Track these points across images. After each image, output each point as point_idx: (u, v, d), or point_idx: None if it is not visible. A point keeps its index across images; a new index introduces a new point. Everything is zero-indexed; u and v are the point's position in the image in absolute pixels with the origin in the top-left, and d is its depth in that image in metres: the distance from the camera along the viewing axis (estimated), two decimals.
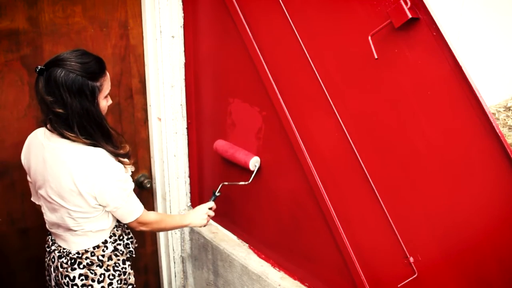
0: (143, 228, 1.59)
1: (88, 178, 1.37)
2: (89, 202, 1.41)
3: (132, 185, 1.49)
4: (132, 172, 1.54)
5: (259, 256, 1.89)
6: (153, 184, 2.25)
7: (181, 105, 2.11)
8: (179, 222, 1.70)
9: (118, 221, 1.60)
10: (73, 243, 1.50)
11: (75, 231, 1.48)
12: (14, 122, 1.80)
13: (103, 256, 1.53)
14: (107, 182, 1.39)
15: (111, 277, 1.54)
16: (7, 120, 1.79)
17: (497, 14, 2.72)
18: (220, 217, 2.15)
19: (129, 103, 2.09)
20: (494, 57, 2.74)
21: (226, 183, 1.82)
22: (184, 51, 2.04)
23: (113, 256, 1.56)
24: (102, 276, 1.52)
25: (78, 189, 1.38)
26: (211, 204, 1.78)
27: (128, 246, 1.66)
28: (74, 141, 1.38)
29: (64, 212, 1.44)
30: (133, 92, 2.09)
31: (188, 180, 2.25)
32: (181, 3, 1.97)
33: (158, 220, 1.62)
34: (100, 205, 1.43)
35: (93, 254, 1.51)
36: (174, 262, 2.34)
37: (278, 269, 1.80)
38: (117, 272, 1.57)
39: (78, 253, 1.50)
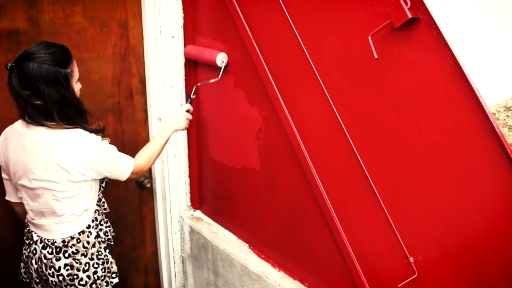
0: (141, 174, 1.66)
1: (74, 158, 1.43)
2: (73, 176, 1.45)
3: (114, 147, 1.54)
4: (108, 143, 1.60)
5: (259, 256, 1.89)
6: (153, 184, 2.25)
7: (181, 105, 2.11)
8: (164, 138, 1.71)
9: (97, 205, 1.64)
10: (58, 231, 1.52)
11: (60, 215, 1.50)
12: (14, 122, 1.80)
13: (88, 242, 1.55)
14: (92, 156, 1.46)
15: (95, 265, 1.57)
16: (7, 120, 1.79)
17: (497, 14, 2.72)
18: (220, 217, 2.15)
19: (129, 103, 2.09)
20: (494, 57, 2.74)
21: (199, 84, 1.90)
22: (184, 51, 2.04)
23: (96, 244, 1.59)
24: (87, 265, 1.55)
25: (65, 168, 1.42)
26: (188, 106, 1.80)
27: (106, 233, 1.70)
28: (54, 128, 1.43)
29: (49, 195, 1.47)
30: (133, 92, 2.09)
31: (188, 180, 2.25)
32: (181, 3, 1.97)
33: (148, 159, 1.65)
34: (92, 179, 1.51)
35: (78, 240, 1.53)
36: (174, 262, 2.34)
37: (278, 269, 1.80)
38: (101, 261, 1.59)
39: (63, 241, 1.51)
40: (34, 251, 1.55)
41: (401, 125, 1.25)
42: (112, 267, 1.67)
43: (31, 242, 1.58)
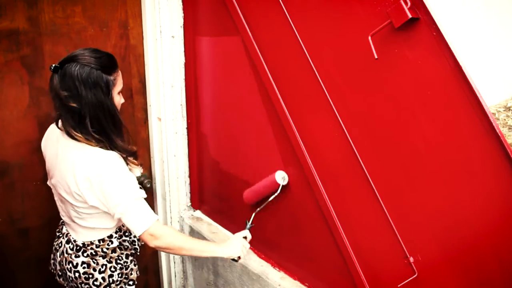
0: (157, 243, 1.42)
1: (90, 179, 1.37)
2: (89, 201, 1.41)
3: (141, 193, 1.42)
4: (140, 173, 1.53)
5: (259, 256, 1.89)
6: (153, 184, 2.25)
7: (181, 105, 2.11)
8: (206, 251, 1.50)
9: None
10: (80, 234, 1.53)
11: (80, 225, 1.51)
12: (14, 122, 1.80)
13: (107, 249, 1.55)
14: (110, 185, 1.38)
15: (112, 269, 1.56)
16: (7, 120, 1.79)
17: (497, 14, 2.72)
18: (220, 217, 2.15)
19: (129, 103, 2.09)
20: (494, 57, 2.74)
21: (258, 209, 1.66)
22: (184, 51, 2.04)
23: (117, 249, 1.59)
24: (104, 267, 1.55)
25: (79, 188, 1.38)
26: (246, 233, 1.62)
27: (134, 243, 1.68)
28: (80, 142, 1.38)
29: (69, 206, 1.48)
30: (133, 92, 2.09)
31: (188, 180, 2.24)
32: (181, 3, 1.97)
33: (178, 243, 1.44)
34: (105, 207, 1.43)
35: (97, 246, 1.54)
36: (174, 262, 2.34)
37: (278, 269, 1.80)
38: (119, 265, 1.59)
39: (83, 243, 1.53)
40: (60, 244, 1.59)
41: (401, 125, 1.25)
42: (131, 274, 1.66)
43: (60, 235, 1.62)
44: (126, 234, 1.63)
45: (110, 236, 1.56)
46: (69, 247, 1.55)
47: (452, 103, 1.11)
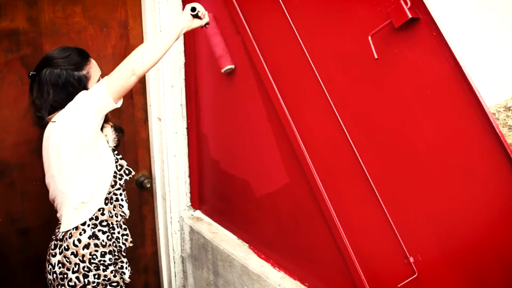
0: (137, 74, 1.38)
1: (72, 105, 1.41)
2: (81, 124, 1.40)
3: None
4: (113, 140, 1.62)
5: (259, 256, 1.89)
6: (153, 184, 2.25)
7: (181, 105, 2.11)
8: (170, 33, 1.40)
9: (106, 203, 1.58)
10: (64, 223, 1.52)
11: (63, 206, 1.50)
12: (14, 122, 1.80)
13: (79, 241, 1.51)
14: (74, 103, 1.41)
15: (86, 269, 1.52)
16: (7, 120, 1.79)
17: (497, 14, 2.72)
18: (220, 217, 2.15)
19: (129, 103, 2.09)
20: (494, 57, 2.74)
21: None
22: (184, 51, 2.05)
23: (91, 245, 1.53)
24: (77, 266, 1.51)
25: (66, 117, 1.40)
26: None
27: (118, 239, 1.65)
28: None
29: (53, 184, 1.49)
30: (133, 92, 2.09)
31: (188, 180, 2.25)
32: (181, 3, 1.97)
33: (139, 60, 1.37)
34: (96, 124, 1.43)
35: (70, 235, 1.51)
36: (174, 262, 2.34)
37: (278, 269, 1.80)
38: (94, 265, 1.53)
39: (62, 236, 1.53)
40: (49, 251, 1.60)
41: (401, 125, 1.25)
42: (114, 276, 1.58)
43: (51, 244, 1.61)
44: (105, 224, 1.57)
45: (84, 224, 1.52)
46: (51, 247, 1.55)
47: (452, 103, 1.11)
